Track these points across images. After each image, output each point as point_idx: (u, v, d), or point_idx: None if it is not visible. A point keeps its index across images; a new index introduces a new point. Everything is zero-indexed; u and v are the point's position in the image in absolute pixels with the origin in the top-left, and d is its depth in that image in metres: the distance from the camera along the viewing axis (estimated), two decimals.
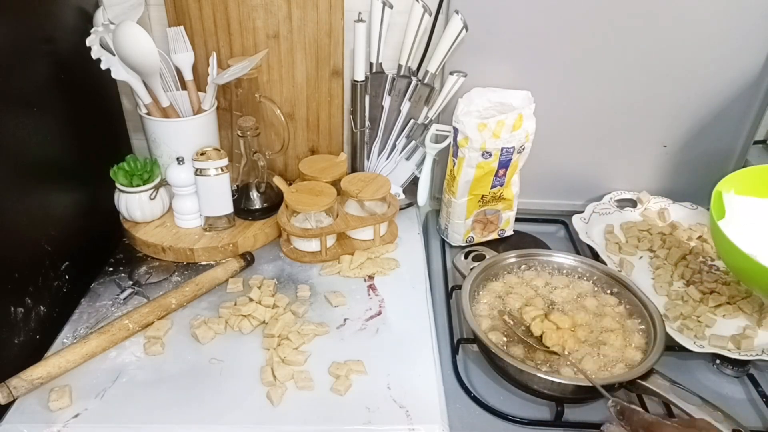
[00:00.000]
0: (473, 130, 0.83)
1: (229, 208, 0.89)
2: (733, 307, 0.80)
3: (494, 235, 0.97)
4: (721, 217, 0.80)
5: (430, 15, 0.88)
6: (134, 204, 0.88)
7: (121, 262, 0.87)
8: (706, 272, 0.86)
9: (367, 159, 1.00)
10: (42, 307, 0.73)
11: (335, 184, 0.92)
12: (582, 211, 0.98)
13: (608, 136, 0.99)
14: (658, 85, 0.93)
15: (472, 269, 0.81)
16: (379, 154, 1.00)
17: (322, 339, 0.75)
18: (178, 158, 0.86)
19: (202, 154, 0.84)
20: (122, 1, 0.85)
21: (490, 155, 0.86)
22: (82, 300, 0.80)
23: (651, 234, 0.95)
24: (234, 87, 0.92)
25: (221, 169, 0.85)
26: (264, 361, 0.71)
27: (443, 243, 0.97)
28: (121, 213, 0.90)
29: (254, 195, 0.92)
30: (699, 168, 1.01)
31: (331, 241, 0.91)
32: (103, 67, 0.80)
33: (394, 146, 0.99)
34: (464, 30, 0.86)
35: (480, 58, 0.91)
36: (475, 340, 0.74)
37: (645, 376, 0.65)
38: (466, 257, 0.89)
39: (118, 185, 0.87)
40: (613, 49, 0.90)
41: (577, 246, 0.96)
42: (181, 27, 0.89)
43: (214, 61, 0.85)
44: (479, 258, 0.88)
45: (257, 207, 0.92)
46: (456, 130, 0.86)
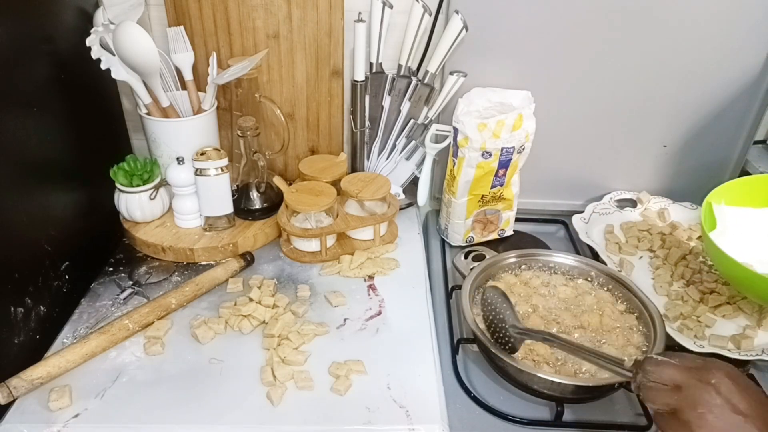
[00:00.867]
0: (473, 130, 0.83)
1: (229, 208, 0.89)
2: (732, 307, 0.80)
3: (494, 235, 0.97)
4: (712, 228, 0.81)
5: (430, 15, 0.88)
6: (134, 204, 0.88)
7: (121, 262, 0.87)
8: (706, 272, 0.86)
9: (367, 159, 1.00)
10: (42, 307, 0.73)
11: (335, 184, 0.91)
12: (582, 211, 0.99)
13: (608, 136, 0.99)
14: (658, 85, 0.93)
15: (472, 269, 0.81)
16: (379, 154, 1.00)
17: (322, 339, 0.75)
18: (178, 158, 0.86)
19: (202, 154, 0.84)
20: (122, 1, 0.84)
21: (490, 155, 0.86)
22: (82, 300, 0.80)
23: (651, 234, 0.95)
24: (234, 87, 0.92)
25: (221, 169, 0.85)
26: (264, 361, 0.71)
27: (443, 243, 0.97)
28: (121, 213, 0.90)
29: (254, 195, 0.92)
30: (699, 168, 1.01)
31: (331, 241, 0.90)
32: (103, 67, 0.80)
33: (394, 146, 0.99)
34: (464, 30, 0.86)
35: (480, 58, 0.91)
36: (475, 340, 0.74)
37: None
38: (466, 257, 0.89)
39: (118, 185, 0.87)
40: (614, 49, 0.90)
41: (577, 246, 0.96)
42: (181, 27, 0.89)
43: (214, 61, 0.85)
44: (479, 258, 0.88)
45: (257, 207, 0.92)
46: (456, 130, 0.86)
